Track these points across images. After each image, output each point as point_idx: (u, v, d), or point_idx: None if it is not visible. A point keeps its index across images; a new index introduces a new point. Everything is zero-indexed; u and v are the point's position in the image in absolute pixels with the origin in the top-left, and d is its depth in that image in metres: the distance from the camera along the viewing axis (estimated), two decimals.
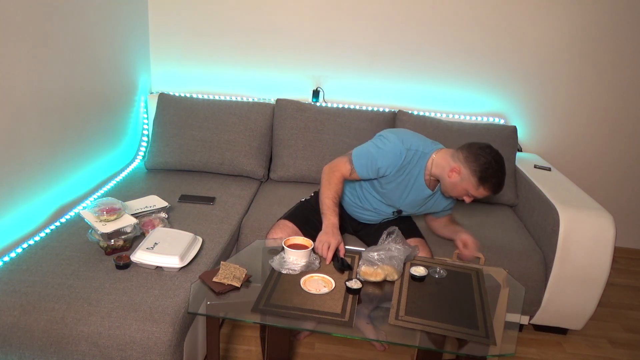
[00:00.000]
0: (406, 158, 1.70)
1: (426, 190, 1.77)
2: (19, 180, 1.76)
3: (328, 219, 1.71)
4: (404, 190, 1.78)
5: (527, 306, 2.03)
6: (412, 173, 1.75)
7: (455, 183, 1.67)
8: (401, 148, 1.69)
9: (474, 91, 2.74)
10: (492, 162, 1.61)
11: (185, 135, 2.45)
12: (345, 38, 2.69)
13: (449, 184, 1.69)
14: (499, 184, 1.63)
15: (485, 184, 1.62)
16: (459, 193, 1.69)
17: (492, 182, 1.62)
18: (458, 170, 1.65)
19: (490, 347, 1.29)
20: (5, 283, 1.49)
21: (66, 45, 1.96)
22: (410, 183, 1.76)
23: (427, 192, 1.78)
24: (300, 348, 1.96)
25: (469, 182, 1.64)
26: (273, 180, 2.53)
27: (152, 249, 1.60)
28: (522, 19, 2.60)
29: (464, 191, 1.67)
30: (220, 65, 2.79)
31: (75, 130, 2.09)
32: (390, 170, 1.72)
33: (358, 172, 1.74)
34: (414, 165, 1.74)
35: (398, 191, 1.79)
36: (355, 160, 1.74)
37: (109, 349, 1.38)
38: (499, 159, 1.63)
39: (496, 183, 1.63)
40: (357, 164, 1.73)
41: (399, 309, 1.41)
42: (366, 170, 1.73)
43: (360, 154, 1.74)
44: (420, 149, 1.73)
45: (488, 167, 1.60)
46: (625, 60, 2.64)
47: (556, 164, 2.86)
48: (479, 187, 1.64)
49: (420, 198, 1.80)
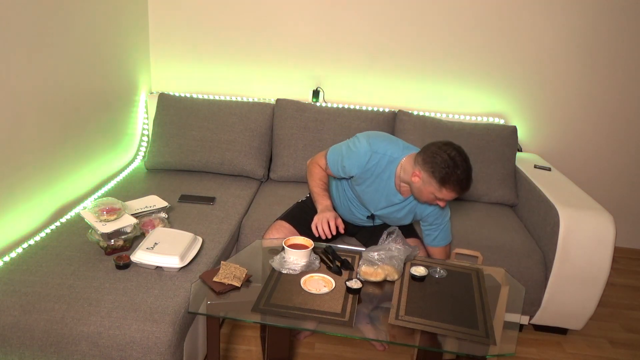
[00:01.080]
0: (371, 161, 1.69)
1: (397, 195, 1.74)
2: (19, 180, 1.76)
3: (320, 203, 1.75)
4: (375, 194, 1.76)
5: (527, 306, 2.03)
6: (381, 177, 1.72)
7: (419, 188, 1.61)
8: (367, 151, 1.69)
9: (474, 91, 2.74)
10: (448, 160, 1.53)
11: (185, 135, 2.45)
12: (345, 38, 2.69)
13: (415, 189, 1.64)
14: (461, 182, 1.54)
15: (446, 184, 1.54)
16: (428, 197, 1.62)
17: (453, 181, 1.53)
18: (418, 174, 1.59)
19: (490, 347, 1.29)
20: (5, 283, 1.49)
21: (66, 45, 1.96)
22: (381, 187, 1.74)
23: (398, 198, 1.74)
24: (300, 348, 1.96)
25: (431, 184, 1.57)
26: (273, 180, 2.53)
27: (152, 249, 1.60)
28: (522, 19, 2.60)
29: (430, 195, 1.60)
30: (220, 65, 2.79)
31: (75, 130, 2.09)
32: (356, 172, 1.72)
33: (329, 167, 1.80)
34: (382, 169, 1.71)
35: (369, 194, 1.77)
36: (329, 156, 1.81)
37: (109, 349, 1.38)
38: (457, 155, 1.54)
39: (457, 181, 1.53)
40: (329, 160, 1.80)
41: (399, 309, 1.41)
42: (335, 167, 1.78)
43: (334, 151, 1.80)
44: (389, 153, 1.70)
45: (444, 166, 1.52)
46: (625, 60, 2.64)
47: (556, 164, 2.86)
48: (442, 189, 1.55)
49: (393, 205, 1.77)
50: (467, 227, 2.13)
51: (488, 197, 2.41)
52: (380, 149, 1.71)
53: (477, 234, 2.07)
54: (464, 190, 1.57)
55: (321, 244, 1.74)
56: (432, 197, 1.61)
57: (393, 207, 1.79)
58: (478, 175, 2.40)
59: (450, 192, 1.56)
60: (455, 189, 1.55)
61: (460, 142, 2.42)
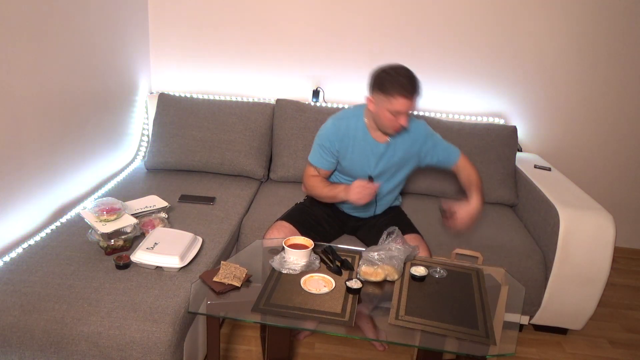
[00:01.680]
0: (340, 127, 1.81)
1: (379, 145, 1.80)
2: (19, 180, 1.76)
3: (338, 189, 1.78)
4: (361, 157, 1.82)
5: (527, 306, 2.03)
6: (357, 137, 1.81)
7: (377, 113, 1.69)
8: (333, 123, 1.83)
9: (474, 91, 2.74)
10: (388, 70, 1.62)
11: (185, 135, 2.45)
12: (345, 38, 2.69)
13: (377, 119, 1.72)
14: (405, 85, 1.59)
15: (393, 92, 1.59)
16: (389, 121, 1.67)
17: (397, 87, 1.59)
18: (371, 99, 1.69)
19: (490, 347, 1.29)
20: (5, 283, 1.49)
21: (66, 46, 1.96)
22: (362, 147, 1.82)
23: (381, 147, 1.81)
24: (300, 348, 1.96)
25: (382, 102, 1.64)
26: (273, 180, 2.53)
27: (152, 249, 1.60)
28: (522, 18, 2.60)
29: (389, 116, 1.65)
30: (220, 65, 2.79)
31: (76, 130, 2.09)
32: (336, 144, 1.81)
33: (318, 165, 1.87)
34: (353, 129, 1.81)
35: (357, 161, 1.83)
36: (311, 159, 1.89)
37: (109, 349, 1.38)
38: (396, 66, 1.63)
39: (402, 85, 1.59)
40: (313, 161, 1.88)
41: (399, 309, 1.41)
42: (320, 160, 1.86)
43: (311, 153, 1.90)
44: (351, 112, 1.84)
45: (386, 77, 1.61)
46: (625, 59, 2.64)
47: (556, 164, 2.86)
48: (391, 100, 1.61)
49: (383, 156, 1.82)
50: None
51: (488, 197, 2.41)
52: (342, 114, 1.86)
53: (477, 234, 2.07)
54: (413, 93, 1.62)
55: (321, 244, 1.74)
56: (390, 117, 1.66)
57: (385, 159, 1.83)
58: None
59: (400, 99, 1.61)
60: (403, 93, 1.60)
61: (460, 142, 2.41)
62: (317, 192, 1.89)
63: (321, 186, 1.87)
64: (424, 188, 2.43)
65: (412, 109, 1.66)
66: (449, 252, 1.94)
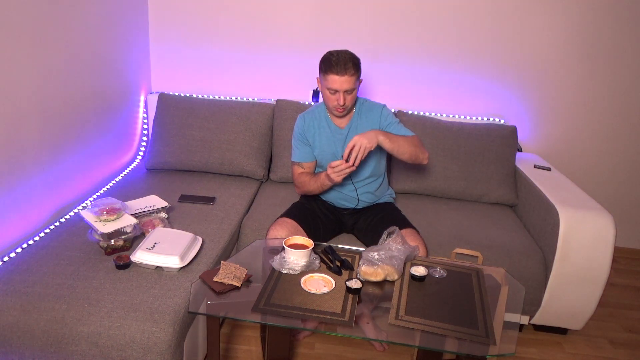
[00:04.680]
0: (306, 117, 1.99)
1: (340, 130, 1.95)
2: (19, 180, 1.76)
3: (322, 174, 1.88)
4: (328, 142, 1.96)
5: (527, 306, 2.03)
6: (321, 126, 1.97)
7: (322, 93, 1.86)
8: (299, 117, 2.02)
9: (474, 91, 2.74)
10: (329, 51, 1.80)
11: (185, 135, 2.45)
12: (345, 38, 2.69)
13: (324, 100, 1.88)
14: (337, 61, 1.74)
15: (326, 69, 1.76)
16: (329, 100, 1.83)
17: (330, 63, 1.75)
18: (318, 80, 1.86)
19: (490, 347, 1.29)
20: (5, 283, 1.49)
21: (66, 46, 1.96)
22: (327, 134, 1.96)
23: (342, 132, 1.95)
24: (300, 348, 1.96)
25: (322, 80, 1.81)
26: (273, 180, 2.53)
27: (152, 249, 1.60)
28: (521, 19, 2.60)
29: (328, 94, 1.82)
30: (220, 65, 2.79)
31: (76, 130, 2.09)
32: (308, 133, 1.98)
33: (300, 159, 2.01)
34: (317, 118, 1.98)
35: (325, 146, 1.97)
36: (293, 158, 2.05)
37: (109, 349, 1.38)
38: (337, 50, 1.80)
39: (334, 61, 1.74)
40: (294, 157, 2.03)
41: (399, 309, 1.41)
42: (300, 153, 2.01)
43: (292, 154, 2.06)
44: (315, 105, 2.04)
45: (325, 55, 1.80)
46: (625, 59, 2.64)
47: (556, 164, 2.86)
48: (327, 77, 1.77)
49: (346, 141, 1.93)
50: (467, 227, 2.13)
51: (488, 197, 2.41)
52: (309, 109, 2.04)
53: (477, 234, 2.07)
54: (344, 67, 1.74)
55: (321, 244, 1.74)
56: (330, 96, 1.82)
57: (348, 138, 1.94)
58: (478, 176, 2.40)
59: (333, 76, 1.75)
60: (334, 70, 1.74)
61: (460, 142, 2.42)
62: (307, 187, 1.98)
63: (309, 180, 1.97)
64: (422, 188, 2.43)
65: (346, 87, 1.77)
66: (448, 252, 1.94)
